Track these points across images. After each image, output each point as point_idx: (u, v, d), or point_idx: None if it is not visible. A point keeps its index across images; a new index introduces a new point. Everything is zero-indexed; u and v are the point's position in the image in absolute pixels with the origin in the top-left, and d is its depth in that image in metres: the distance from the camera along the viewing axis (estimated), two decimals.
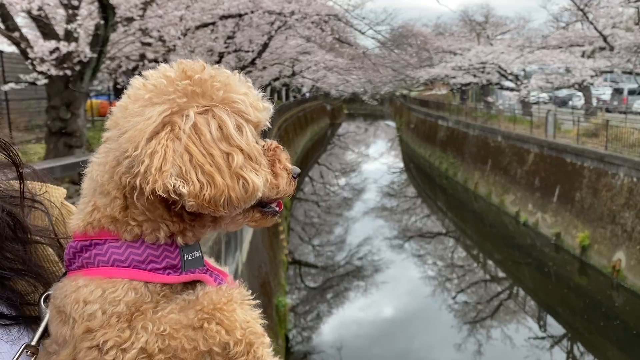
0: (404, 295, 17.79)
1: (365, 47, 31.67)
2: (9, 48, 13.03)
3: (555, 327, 15.46)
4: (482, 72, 32.81)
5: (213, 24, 15.60)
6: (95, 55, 9.77)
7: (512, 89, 31.48)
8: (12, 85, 10.96)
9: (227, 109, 0.88)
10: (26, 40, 9.60)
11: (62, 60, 9.51)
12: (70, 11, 9.33)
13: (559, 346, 14.53)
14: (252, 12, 15.29)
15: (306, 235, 23.99)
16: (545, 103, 37.14)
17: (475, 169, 29.67)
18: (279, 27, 17.75)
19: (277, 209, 1.02)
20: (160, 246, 0.91)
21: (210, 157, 0.85)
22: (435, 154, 38.21)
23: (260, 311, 0.97)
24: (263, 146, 0.96)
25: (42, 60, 9.32)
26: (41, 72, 9.49)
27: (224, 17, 15.47)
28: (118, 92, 17.65)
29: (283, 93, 53.01)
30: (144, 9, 10.90)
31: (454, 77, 36.05)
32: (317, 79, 36.56)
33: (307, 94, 56.59)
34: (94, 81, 12.06)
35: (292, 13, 16.26)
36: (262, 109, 0.93)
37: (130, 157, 0.85)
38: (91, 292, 0.86)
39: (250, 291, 0.96)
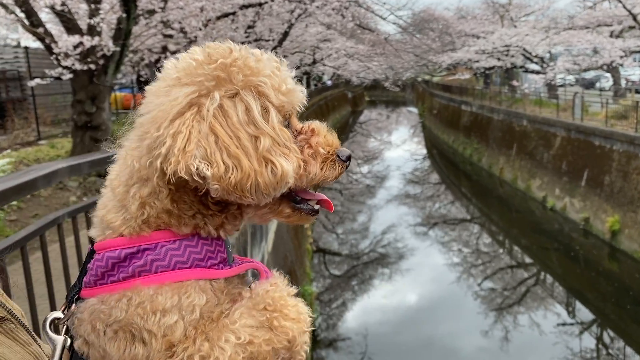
0: (429, 282, 17.70)
1: (387, 33, 31.38)
2: (34, 44, 13.23)
3: (584, 313, 15.24)
4: (506, 55, 32.24)
5: (233, 13, 15.58)
6: (118, 49, 9.84)
7: (537, 72, 30.87)
8: (38, 80, 11.13)
9: (253, 93, 0.85)
10: (50, 35, 9.72)
11: (86, 54, 9.60)
12: (92, 5, 9.39)
13: (589, 332, 14.33)
14: (272, 0, 15.22)
15: (330, 224, 24.00)
16: (571, 85, 36.38)
17: (500, 154, 29.27)
18: (299, 15, 17.64)
19: (316, 207, 0.96)
20: (212, 241, 0.88)
21: (237, 140, 0.81)
22: (459, 140, 37.78)
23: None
24: (297, 130, 0.93)
25: (67, 55, 9.42)
26: (66, 67, 9.59)
27: (244, 7, 15.44)
28: (141, 85, 17.79)
29: (304, 81, 52.92)
30: (165, 1, 10.92)
31: (477, 61, 35.51)
32: (338, 66, 36.37)
33: (328, 82, 56.34)
34: (117, 74, 12.17)
35: (312, 0, 16.14)
36: (287, 92, 0.88)
37: (152, 138, 0.81)
38: (167, 299, 0.80)
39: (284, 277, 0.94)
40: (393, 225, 22.93)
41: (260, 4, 15.81)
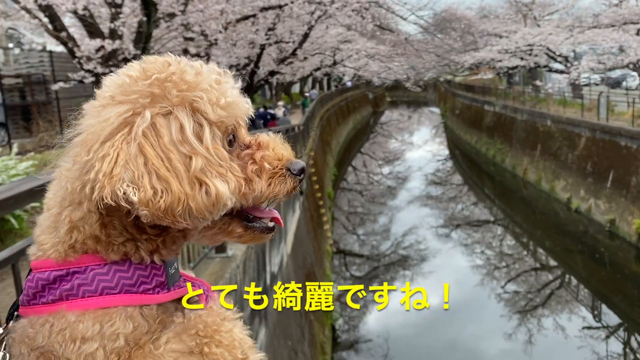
0: (452, 285, 17.49)
1: (408, 33, 31.20)
2: (57, 48, 13.44)
3: (610, 317, 14.92)
4: (530, 54, 31.80)
5: (254, 16, 15.62)
6: (139, 52, 9.93)
7: (561, 71, 30.38)
8: (61, 84, 11.29)
9: (187, 109, 0.80)
10: (73, 39, 9.85)
11: (108, 57, 9.71)
12: (113, 9, 9.50)
13: (615, 336, 14.03)
14: (292, 2, 15.23)
15: (350, 225, 23.93)
16: (597, 85, 35.70)
17: (523, 155, 28.88)
18: (319, 17, 17.63)
19: (270, 224, 0.91)
20: (147, 265, 0.84)
21: (168, 161, 0.76)
22: (482, 140, 37.39)
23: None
24: (245, 144, 0.87)
25: (89, 59, 9.54)
26: (88, 70, 9.71)
27: (264, 9, 15.47)
28: None
29: (325, 83, 52.87)
30: (185, 4, 11.00)
31: (500, 61, 35.09)
32: (359, 67, 36.27)
33: (349, 83, 56.19)
34: None
35: (332, 1, 16.12)
36: (226, 105, 0.83)
37: (82, 162, 0.77)
38: (88, 328, 0.77)
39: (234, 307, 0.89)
40: (415, 226, 22.76)
41: (280, 6, 15.83)
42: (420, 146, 44.99)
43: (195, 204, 0.76)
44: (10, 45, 19.93)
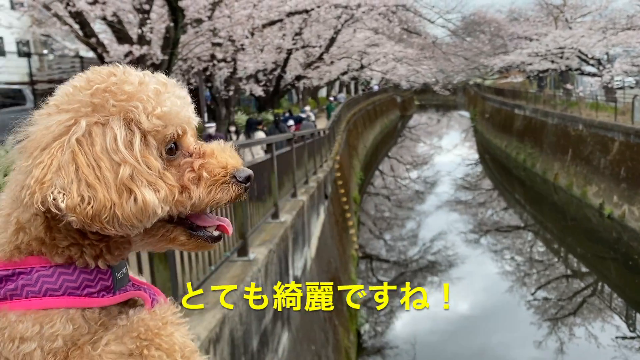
0: (480, 291, 17.27)
1: (435, 37, 31.00)
2: (89, 53, 13.73)
3: None
4: (561, 57, 31.24)
5: (280, 21, 15.71)
6: (166, 57, 10.07)
7: (593, 75, 29.75)
8: None
9: (122, 120, 0.82)
10: (102, 45, 10.04)
11: (136, 63, 9.87)
12: (141, 15, 9.65)
13: None
14: (319, 6, 15.27)
15: (377, 230, 23.80)
16: (631, 88, 34.82)
17: (554, 160, 28.34)
18: (346, 21, 17.64)
19: (215, 233, 0.93)
20: (93, 269, 0.86)
21: (98, 169, 0.78)
22: (512, 145, 36.85)
23: (332, 307, 0.91)
24: (189, 152, 0.89)
25: (118, 64, 9.70)
26: None
27: (291, 14, 15.56)
28: (191, 93, 18.16)
29: (352, 87, 52.82)
30: (212, 10, 11.12)
31: (531, 64, 34.57)
32: (386, 71, 36.15)
33: (375, 87, 56.01)
34: None
35: (359, 5, 16.12)
36: (163, 115, 0.85)
37: (22, 168, 0.80)
38: (27, 328, 0.79)
39: (177, 308, 0.91)
40: (443, 232, 22.51)
41: (307, 11, 15.90)
42: (449, 150, 44.54)
43: (122, 211, 0.79)
44: (45, 51, 20.47)
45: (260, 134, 13.35)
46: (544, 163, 29.95)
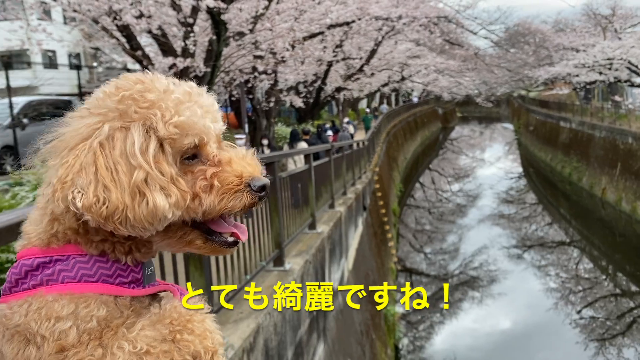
0: (523, 308, 16.83)
1: (478, 48, 30.64)
2: (134, 66, 14.13)
3: None
4: (609, 69, 30.37)
5: (321, 33, 15.81)
6: (209, 70, 10.25)
7: None
8: None
9: (141, 126, 0.86)
10: (148, 57, 10.31)
11: (180, 75, 10.06)
12: (185, 28, 9.88)
13: None
14: (360, 19, 15.30)
15: (417, 243, 23.52)
16: None
17: (602, 174, 27.47)
18: (387, 33, 17.63)
19: (230, 239, 0.95)
20: (125, 263, 0.91)
21: (114, 172, 0.82)
22: (557, 158, 35.96)
23: (368, 319, 0.92)
24: (208, 160, 0.92)
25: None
26: None
27: (332, 27, 15.63)
28: (233, 104, 18.46)
29: (392, 98, 52.64)
30: (254, 23, 11.26)
31: (577, 76, 33.74)
32: (428, 82, 35.92)
33: (415, 99, 55.60)
34: (210, 94, 12.66)
35: (400, 17, 16.07)
36: (180, 124, 0.87)
37: (50, 166, 0.86)
38: (63, 307, 0.83)
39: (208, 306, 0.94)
40: (485, 246, 22.08)
41: (348, 23, 15.95)
42: (492, 163, 43.78)
43: (134, 214, 0.83)
44: (94, 64, 21.20)
45: (302, 144, 13.51)
46: (590, 177, 29.08)
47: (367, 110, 34.90)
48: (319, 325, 6.14)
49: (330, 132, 15.91)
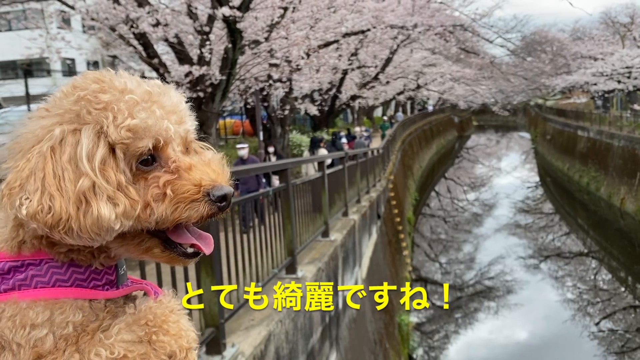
0: (540, 319, 16.60)
1: (494, 56, 30.48)
2: (151, 73, 14.25)
3: None
4: (628, 77, 30.05)
5: (337, 42, 15.84)
6: (224, 78, 10.31)
7: None
8: None
9: (92, 130, 0.82)
10: (164, 65, 10.40)
11: (196, 83, 10.16)
12: (202, 37, 9.95)
13: None
14: (375, 27, 15.31)
15: (432, 252, 23.36)
16: None
17: (621, 184, 27.09)
18: (402, 41, 17.61)
19: (189, 250, 0.91)
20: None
21: (61, 179, 0.79)
22: (575, 167, 35.55)
23: (382, 329, 0.91)
24: (166, 166, 0.87)
25: (178, 84, 10.01)
26: None
27: (347, 35, 15.65)
28: (248, 112, 18.55)
29: (408, 106, 52.53)
30: (270, 32, 11.32)
31: (595, 84, 33.43)
32: (444, 91, 35.80)
33: (430, 108, 55.37)
34: (224, 102, 12.74)
35: (415, 26, 16.04)
36: (134, 127, 0.83)
37: (3, 169, 0.83)
38: (37, 314, 0.81)
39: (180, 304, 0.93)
40: (501, 256, 21.86)
41: (363, 32, 15.97)
42: (508, 172, 43.43)
43: (78, 224, 0.79)
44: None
45: (322, 151, 13.73)
46: (609, 187, 28.70)
47: (385, 117, 34.85)
48: (332, 333, 6.10)
49: (344, 140, 15.93)
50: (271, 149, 12.18)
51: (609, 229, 25.66)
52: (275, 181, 9.16)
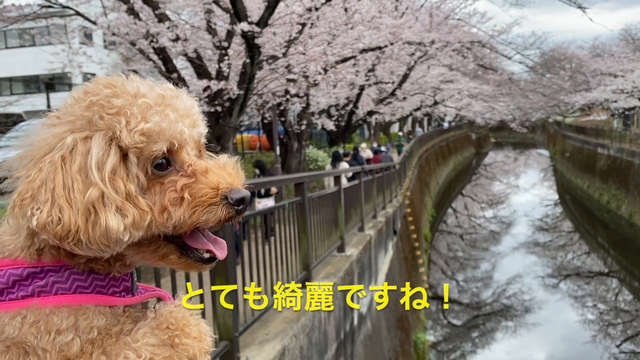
0: (559, 340, 16.29)
1: (512, 73, 30.37)
2: None
3: None
4: None
5: (354, 57, 15.90)
6: (242, 92, 10.38)
7: None
8: None
9: (103, 136, 0.81)
10: (183, 80, 10.52)
11: (214, 97, 10.24)
12: (220, 52, 10.06)
13: None
14: (392, 43, 15.34)
15: (449, 270, 23.13)
16: None
17: None
18: (420, 58, 17.62)
19: (205, 255, 0.90)
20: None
21: (70, 190, 0.77)
22: (595, 185, 35.07)
23: (397, 346, 0.90)
24: (181, 170, 0.86)
25: (197, 99, 10.11)
26: None
27: (364, 51, 15.71)
28: (265, 127, 18.65)
29: (425, 123, 52.43)
30: (288, 47, 11.40)
31: (615, 101, 33.10)
32: (461, 107, 35.72)
33: (446, 124, 55.12)
34: (241, 116, 12.82)
35: (433, 42, 16.05)
36: (148, 131, 0.81)
37: (15, 178, 0.82)
38: (62, 320, 0.81)
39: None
40: (519, 275, 21.57)
41: (380, 48, 16.01)
42: (526, 190, 42.99)
43: (87, 236, 0.78)
44: None
45: (344, 165, 13.87)
46: (630, 205, 28.23)
47: (400, 133, 34.78)
48: (347, 350, 6.03)
49: (369, 153, 16.09)
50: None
51: (631, 248, 25.19)
52: (268, 202, 9.16)
